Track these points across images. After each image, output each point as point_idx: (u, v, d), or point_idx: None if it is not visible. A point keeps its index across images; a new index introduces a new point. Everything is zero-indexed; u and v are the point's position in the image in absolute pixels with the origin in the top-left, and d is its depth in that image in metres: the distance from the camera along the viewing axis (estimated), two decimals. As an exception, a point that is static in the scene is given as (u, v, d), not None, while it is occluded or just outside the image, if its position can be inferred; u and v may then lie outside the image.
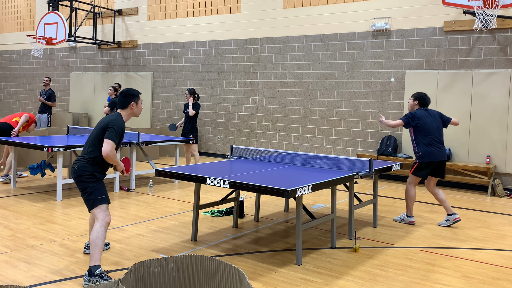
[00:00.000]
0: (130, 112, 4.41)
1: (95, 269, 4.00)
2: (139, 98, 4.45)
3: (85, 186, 4.21)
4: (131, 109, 4.40)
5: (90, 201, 4.21)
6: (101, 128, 4.26)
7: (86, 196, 4.23)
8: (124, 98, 4.39)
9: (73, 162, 4.39)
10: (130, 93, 4.40)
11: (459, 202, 8.12)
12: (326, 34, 11.07)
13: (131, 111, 4.41)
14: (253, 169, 5.34)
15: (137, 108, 4.42)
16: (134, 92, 4.42)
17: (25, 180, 8.73)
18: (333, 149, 11.00)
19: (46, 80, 12.71)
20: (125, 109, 4.39)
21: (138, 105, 4.43)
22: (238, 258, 4.79)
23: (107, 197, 4.27)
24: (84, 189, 4.22)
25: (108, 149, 4.13)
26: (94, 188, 4.21)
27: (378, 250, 5.19)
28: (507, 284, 4.33)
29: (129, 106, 4.38)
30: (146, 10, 14.29)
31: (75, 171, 4.24)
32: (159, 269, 2.27)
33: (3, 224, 5.78)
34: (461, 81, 9.42)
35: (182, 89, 13.55)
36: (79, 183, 4.24)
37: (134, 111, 4.42)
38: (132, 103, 4.38)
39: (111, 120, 4.25)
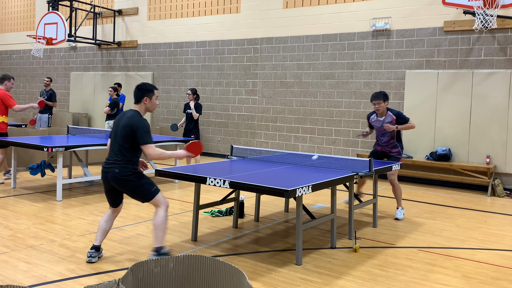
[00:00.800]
0: (144, 107, 4.45)
1: (162, 249, 4.34)
2: (154, 93, 4.47)
3: (134, 185, 4.33)
4: (144, 103, 4.44)
5: (145, 196, 4.38)
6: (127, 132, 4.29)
7: (139, 193, 4.37)
8: (138, 91, 4.43)
9: (105, 167, 4.37)
10: (145, 88, 4.42)
11: (459, 202, 8.12)
12: (326, 34, 11.07)
13: (144, 106, 4.44)
14: (253, 169, 5.34)
15: (150, 103, 4.45)
16: (148, 87, 4.43)
17: (25, 180, 8.73)
18: (333, 149, 11.00)
19: (47, 81, 12.71)
20: (139, 103, 4.45)
21: (152, 100, 4.45)
22: (238, 258, 4.79)
23: (156, 186, 4.44)
24: (134, 188, 4.34)
25: (150, 152, 4.27)
26: (144, 184, 4.36)
27: (378, 250, 5.19)
28: (507, 284, 4.33)
29: (142, 101, 4.43)
30: (146, 10, 14.29)
31: (117, 174, 4.30)
32: (159, 269, 2.27)
33: (3, 224, 5.78)
34: (461, 81, 9.42)
35: (182, 89, 13.55)
36: (125, 183, 4.33)
37: (148, 106, 4.45)
38: (145, 98, 4.42)
39: (134, 123, 4.27)
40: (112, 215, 4.64)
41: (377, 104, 6.54)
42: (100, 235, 4.61)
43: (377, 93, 6.62)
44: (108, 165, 4.37)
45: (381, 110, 6.58)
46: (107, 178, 4.37)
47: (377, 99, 6.55)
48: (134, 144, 4.32)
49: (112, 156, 4.38)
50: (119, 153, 4.34)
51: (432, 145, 9.72)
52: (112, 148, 4.42)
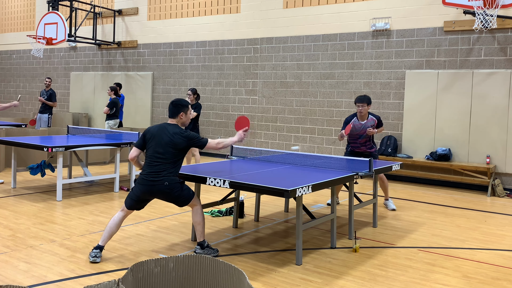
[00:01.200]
0: (179, 121, 4.76)
1: (205, 243, 4.74)
2: (189, 108, 4.80)
3: (179, 194, 4.62)
4: (180, 118, 4.75)
5: (186, 201, 4.69)
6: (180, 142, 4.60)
7: (181, 199, 4.65)
8: (174, 108, 4.74)
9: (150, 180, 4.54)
10: (181, 104, 4.74)
11: (459, 202, 8.12)
12: (326, 34, 11.08)
13: (180, 120, 4.75)
14: (253, 169, 5.34)
15: (186, 117, 4.78)
16: (184, 103, 4.76)
17: (25, 180, 8.73)
18: (333, 149, 11.00)
19: (48, 81, 12.69)
20: (175, 118, 4.74)
21: (187, 115, 4.78)
22: (238, 258, 4.79)
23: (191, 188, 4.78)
24: (178, 196, 4.61)
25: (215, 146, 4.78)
26: (185, 190, 4.68)
27: (378, 250, 5.19)
28: (507, 284, 4.34)
29: (179, 116, 4.73)
30: (146, 10, 14.29)
31: (167, 186, 4.53)
32: (159, 269, 2.27)
33: (3, 224, 5.78)
34: (461, 81, 9.42)
35: (182, 89, 13.55)
36: (171, 194, 4.57)
37: (184, 120, 4.78)
38: (181, 113, 4.74)
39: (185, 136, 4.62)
40: (122, 218, 4.70)
41: (361, 107, 6.92)
42: (107, 236, 4.65)
43: (362, 97, 6.98)
44: (155, 177, 4.52)
45: (364, 113, 6.96)
46: (152, 191, 4.57)
47: (362, 102, 6.91)
48: (183, 156, 4.68)
49: (158, 169, 4.54)
50: (166, 166, 4.55)
51: (432, 145, 9.72)
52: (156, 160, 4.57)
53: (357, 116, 7.05)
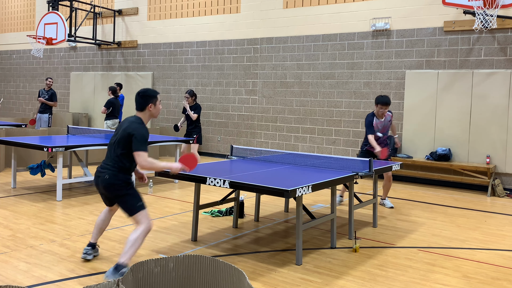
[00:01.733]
0: (148, 113, 4.31)
1: (122, 268, 4.00)
2: (157, 99, 4.35)
3: (120, 195, 4.19)
4: (149, 110, 4.30)
5: (128, 209, 4.20)
6: (124, 137, 4.16)
7: (123, 204, 4.22)
8: (141, 99, 4.29)
9: (98, 171, 4.30)
10: (148, 94, 4.30)
11: (459, 202, 8.12)
12: (326, 34, 11.07)
13: (149, 112, 4.31)
14: (253, 169, 5.34)
15: (155, 109, 4.33)
16: (151, 93, 4.31)
17: (25, 180, 8.73)
18: (333, 149, 11.00)
19: (50, 81, 12.57)
20: (143, 111, 4.30)
21: (156, 106, 4.32)
22: (238, 258, 4.79)
23: (143, 202, 4.27)
24: (119, 197, 4.20)
25: (141, 161, 4.08)
26: (130, 195, 4.21)
27: (378, 250, 5.19)
28: (507, 284, 4.34)
29: (147, 108, 4.29)
30: (146, 10, 14.29)
31: (106, 180, 4.18)
32: (159, 269, 2.27)
33: (3, 224, 5.78)
34: (461, 81, 9.42)
35: (182, 89, 13.55)
36: (112, 191, 4.21)
37: (153, 112, 4.32)
38: (150, 105, 4.29)
39: (133, 128, 4.14)
40: (108, 214, 4.63)
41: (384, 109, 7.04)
42: (96, 233, 4.62)
43: (386, 99, 7.04)
44: (102, 169, 4.27)
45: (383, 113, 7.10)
46: (98, 183, 4.30)
47: (387, 105, 7.04)
48: (130, 151, 4.17)
49: (107, 161, 4.29)
50: (113, 159, 4.22)
51: (432, 145, 9.72)
52: (108, 153, 4.32)
53: (376, 115, 7.16)
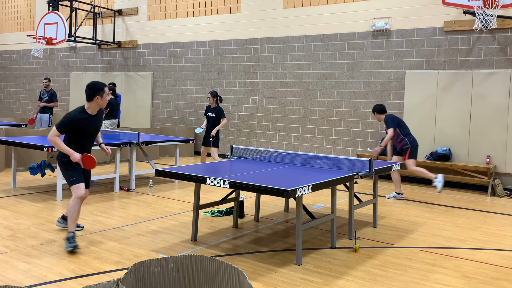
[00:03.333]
0: (95, 104, 4.91)
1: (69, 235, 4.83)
2: (104, 91, 4.92)
3: (61, 168, 4.98)
4: (96, 101, 4.90)
5: (67, 181, 4.98)
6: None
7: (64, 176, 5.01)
8: (89, 91, 4.89)
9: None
10: (95, 87, 4.89)
11: (459, 202, 8.13)
12: (326, 34, 11.08)
13: (96, 103, 4.91)
14: (253, 169, 5.34)
15: (102, 100, 4.92)
16: (99, 86, 4.91)
17: (25, 180, 8.73)
18: (333, 149, 11.00)
19: (46, 82, 12.65)
20: (91, 101, 4.90)
21: (103, 98, 4.92)
22: (238, 258, 4.79)
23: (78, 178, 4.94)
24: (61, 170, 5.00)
25: (49, 134, 4.81)
26: (68, 170, 4.94)
27: (378, 250, 5.19)
28: (507, 284, 4.34)
29: (94, 99, 4.89)
30: (146, 10, 14.29)
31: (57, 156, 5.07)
32: (159, 269, 2.27)
33: (3, 224, 5.78)
34: (461, 81, 9.42)
35: (182, 89, 13.55)
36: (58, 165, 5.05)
37: (99, 102, 4.93)
38: (97, 97, 4.89)
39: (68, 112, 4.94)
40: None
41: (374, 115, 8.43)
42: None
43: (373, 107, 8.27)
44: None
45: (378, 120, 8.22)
46: None
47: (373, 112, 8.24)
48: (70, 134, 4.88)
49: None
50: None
51: (432, 145, 9.72)
52: None
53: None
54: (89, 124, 4.91)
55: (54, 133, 4.79)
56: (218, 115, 9.11)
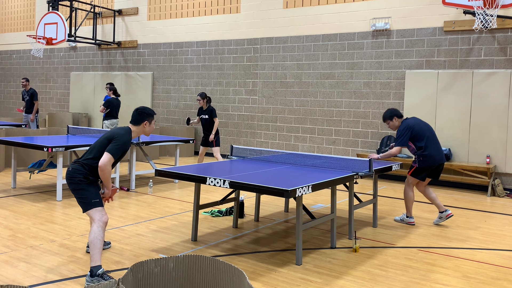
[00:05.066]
0: (141, 130, 4.46)
1: (97, 270, 4.01)
2: (153, 118, 4.52)
3: (76, 188, 4.22)
4: (143, 127, 4.46)
5: (82, 204, 4.23)
6: (106, 138, 4.28)
7: (78, 198, 4.25)
8: (139, 115, 4.44)
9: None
10: (146, 112, 4.45)
11: (459, 202, 8.12)
12: (326, 34, 11.07)
13: (143, 129, 4.47)
14: (253, 169, 5.34)
15: (149, 127, 4.49)
16: (149, 112, 4.48)
17: (25, 180, 8.73)
18: (333, 149, 11.00)
19: (23, 82, 12.41)
20: (138, 126, 4.44)
21: (151, 124, 4.49)
22: (238, 258, 4.79)
23: (101, 200, 4.27)
24: (75, 190, 4.23)
25: (105, 161, 4.13)
26: (86, 191, 4.21)
27: (378, 250, 5.19)
28: (507, 284, 4.34)
29: (142, 124, 4.44)
30: (146, 10, 14.29)
31: (69, 172, 4.27)
32: (159, 269, 2.27)
33: (3, 224, 5.78)
34: (461, 81, 9.42)
35: (182, 89, 13.55)
36: (71, 183, 4.25)
37: (146, 130, 4.48)
38: (145, 122, 4.45)
39: (118, 133, 4.27)
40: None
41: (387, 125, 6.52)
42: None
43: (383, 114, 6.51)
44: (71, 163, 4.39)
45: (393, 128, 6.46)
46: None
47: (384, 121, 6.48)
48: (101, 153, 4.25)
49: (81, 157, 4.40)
50: (85, 156, 4.32)
51: (432, 145, 9.71)
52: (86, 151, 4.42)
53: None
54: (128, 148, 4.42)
55: (111, 161, 4.16)
56: (211, 116, 9.09)
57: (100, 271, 4.01)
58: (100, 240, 4.08)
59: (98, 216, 4.15)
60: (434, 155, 6.21)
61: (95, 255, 4.04)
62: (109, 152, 4.15)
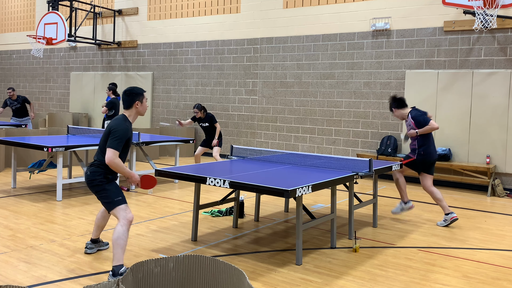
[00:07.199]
0: (135, 111, 4.34)
1: (119, 269, 4.01)
2: (144, 96, 4.37)
3: (98, 189, 4.24)
4: (136, 108, 4.33)
5: (107, 204, 4.25)
6: (105, 135, 4.26)
7: (102, 199, 4.26)
8: (128, 97, 4.30)
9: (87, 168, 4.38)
10: (134, 92, 4.31)
11: (459, 202, 8.12)
12: (326, 34, 11.07)
13: (136, 110, 4.34)
14: (253, 169, 5.34)
15: (142, 107, 4.35)
16: (138, 91, 4.33)
17: (25, 180, 8.73)
18: (333, 149, 11.00)
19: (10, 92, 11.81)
20: (130, 109, 4.32)
21: (143, 104, 4.35)
22: (238, 258, 4.79)
23: (123, 197, 4.27)
24: (97, 192, 4.26)
25: (110, 157, 4.10)
26: (108, 190, 4.23)
27: (378, 250, 5.19)
28: (507, 284, 4.34)
29: (134, 105, 4.31)
30: (146, 10, 14.29)
31: (88, 176, 4.28)
32: (159, 269, 2.27)
33: (3, 224, 5.78)
34: (461, 81, 9.42)
35: (182, 89, 13.55)
36: (92, 186, 4.26)
37: (139, 110, 4.35)
38: (136, 102, 4.31)
39: (113, 125, 4.20)
40: (105, 211, 4.67)
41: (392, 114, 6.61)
42: (95, 230, 4.73)
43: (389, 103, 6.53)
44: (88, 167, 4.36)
45: (400, 117, 6.44)
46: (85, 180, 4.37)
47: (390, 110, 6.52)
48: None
49: (95, 158, 4.38)
50: (97, 156, 4.31)
51: (432, 145, 9.71)
52: (97, 150, 4.39)
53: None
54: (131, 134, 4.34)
55: (116, 155, 4.10)
56: (211, 122, 9.13)
57: (123, 270, 4.00)
58: (124, 240, 4.06)
59: (123, 215, 4.14)
60: (433, 151, 6.33)
61: (118, 254, 4.02)
62: (110, 147, 4.12)
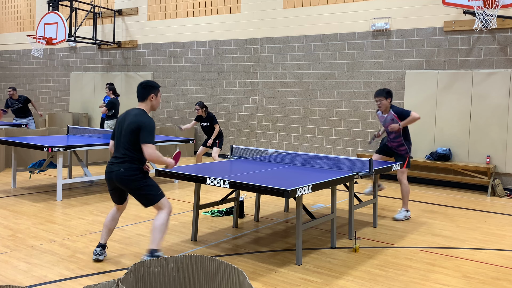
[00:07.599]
0: (150, 105, 4.44)
1: (156, 252, 4.20)
2: (159, 91, 4.49)
3: (139, 186, 4.29)
4: (150, 101, 4.42)
5: (149, 198, 4.34)
6: (133, 129, 4.25)
7: (143, 194, 4.33)
8: (144, 89, 4.41)
9: (109, 167, 4.35)
10: (150, 85, 4.43)
11: (459, 202, 8.12)
12: (326, 34, 11.07)
13: (150, 103, 4.43)
14: (253, 169, 5.34)
15: (156, 100, 4.45)
16: (154, 84, 4.45)
17: (25, 180, 8.73)
18: (333, 149, 11.00)
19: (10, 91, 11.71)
20: (145, 101, 4.41)
21: (157, 97, 4.46)
22: (238, 258, 4.79)
23: (161, 190, 4.43)
24: (138, 189, 4.30)
25: (151, 152, 4.20)
26: (149, 185, 4.33)
27: (378, 250, 5.19)
28: (507, 284, 4.34)
29: (149, 98, 4.41)
30: (146, 10, 14.29)
31: (121, 173, 4.26)
32: (159, 269, 2.27)
33: (3, 224, 5.78)
34: (461, 81, 9.42)
35: (182, 89, 13.55)
36: (129, 183, 4.28)
37: (153, 103, 4.45)
38: (151, 95, 4.42)
39: (141, 121, 4.24)
40: (117, 213, 4.63)
41: (378, 101, 6.54)
42: (105, 233, 4.62)
43: (379, 90, 6.57)
44: (112, 165, 4.32)
45: (383, 107, 6.53)
46: (112, 178, 4.33)
47: (379, 96, 6.51)
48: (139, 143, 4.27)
49: (118, 155, 4.34)
50: (125, 152, 4.29)
51: (432, 145, 9.72)
52: (117, 148, 4.38)
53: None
54: None
55: (155, 148, 4.23)
56: (211, 123, 9.17)
57: (160, 253, 4.20)
58: (167, 227, 4.33)
59: (168, 205, 4.40)
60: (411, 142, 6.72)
61: (157, 239, 4.23)
62: (148, 142, 4.20)
